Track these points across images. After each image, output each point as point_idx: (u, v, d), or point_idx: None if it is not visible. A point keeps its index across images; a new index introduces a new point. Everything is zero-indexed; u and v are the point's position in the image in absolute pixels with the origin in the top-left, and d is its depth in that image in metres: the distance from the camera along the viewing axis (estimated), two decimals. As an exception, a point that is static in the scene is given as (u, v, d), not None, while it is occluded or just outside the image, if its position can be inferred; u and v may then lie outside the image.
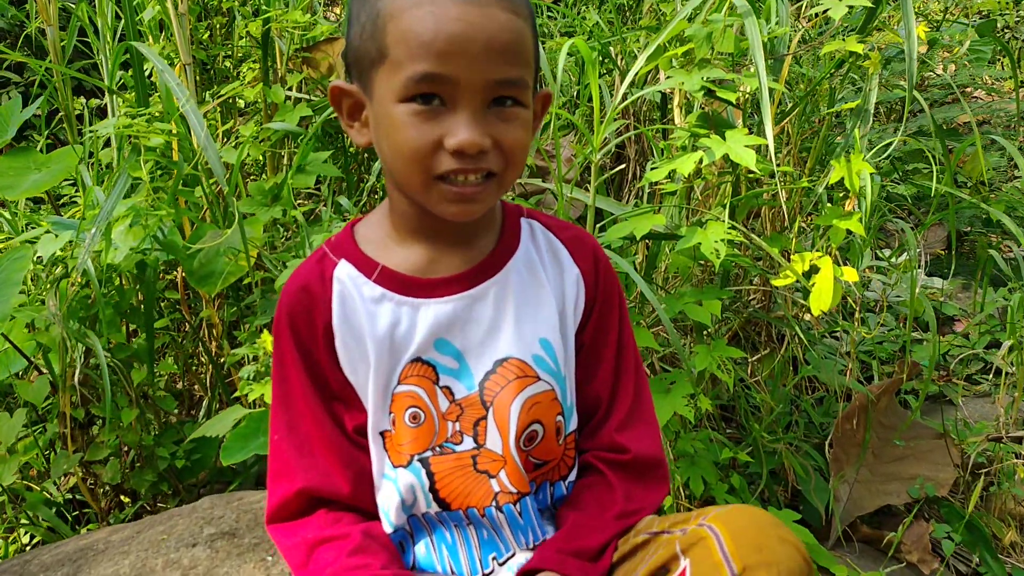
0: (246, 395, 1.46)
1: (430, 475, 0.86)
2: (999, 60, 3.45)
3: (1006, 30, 3.63)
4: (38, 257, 1.65)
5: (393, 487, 0.87)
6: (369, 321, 0.85)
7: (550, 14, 3.06)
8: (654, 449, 0.92)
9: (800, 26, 2.12)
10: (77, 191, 2.69)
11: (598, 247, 0.94)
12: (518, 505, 0.88)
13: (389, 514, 0.88)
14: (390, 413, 0.86)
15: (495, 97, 0.76)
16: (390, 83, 0.75)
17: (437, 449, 0.87)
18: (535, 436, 0.87)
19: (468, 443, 0.87)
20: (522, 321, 0.86)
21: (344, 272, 0.86)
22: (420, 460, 0.86)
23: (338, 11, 2.97)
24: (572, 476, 0.93)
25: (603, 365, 0.92)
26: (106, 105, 2.85)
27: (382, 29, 0.76)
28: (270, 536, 0.90)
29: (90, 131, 1.90)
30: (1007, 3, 3.11)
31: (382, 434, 0.87)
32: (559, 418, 0.89)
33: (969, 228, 2.96)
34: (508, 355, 0.86)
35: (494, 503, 0.87)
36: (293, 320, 0.86)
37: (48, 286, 1.65)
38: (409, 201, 0.84)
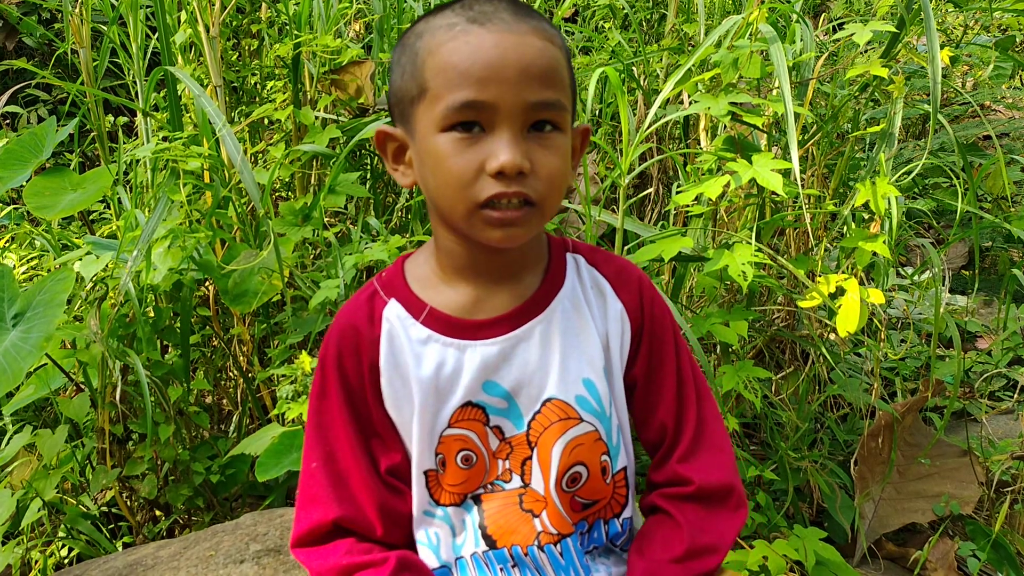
0: (282, 413, 1.50)
1: (481, 512, 0.88)
2: (1019, 75, 3.45)
3: (1025, 45, 3.63)
4: (79, 277, 1.69)
5: (440, 522, 0.89)
6: (415, 363, 0.85)
7: (567, 29, 3.10)
8: (722, 476, 0.89)
9: (821, 43, 2.14)
10: (107, 208, 2.75)
11: (644, 278, 0.93)
12: (559, 546, 0.88)
13: (437, 550, 0.89)
14: (437, 454, 0.87)
15: (534, 122, 0.76)
16: (431, 115, 0.77)
17: (488, 487, 0.88)
18: (578, 478, 0.88)
19: (516, 481, 0.88)
20: (566, 361, 0.86)
21: (393, 312, 0.87)
22: (472, 497, 0.88)
23: (357, 27, 3.02)
24: (626, 513, 0.92)
25: (664, 397, 0.91)
26: (133, 122, 2.91)
27: (421, 66, 0.78)
28: (297, 559, 0.90)
29: (127, 153, 1.94)
30: (1026, 19, 3.11)
31: (426, 473, 0.88)
32: (604, 458, 0.88)
33: (990, 243, 2.96)
34: (552, 396, 0.86)
35: (536, 542, 0.88)
36: (340, 356, 0.87)
37: (88, 306, 1.70)
38: (455, 238, 0.84)
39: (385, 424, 0.88)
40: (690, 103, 1.82)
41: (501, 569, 0.88)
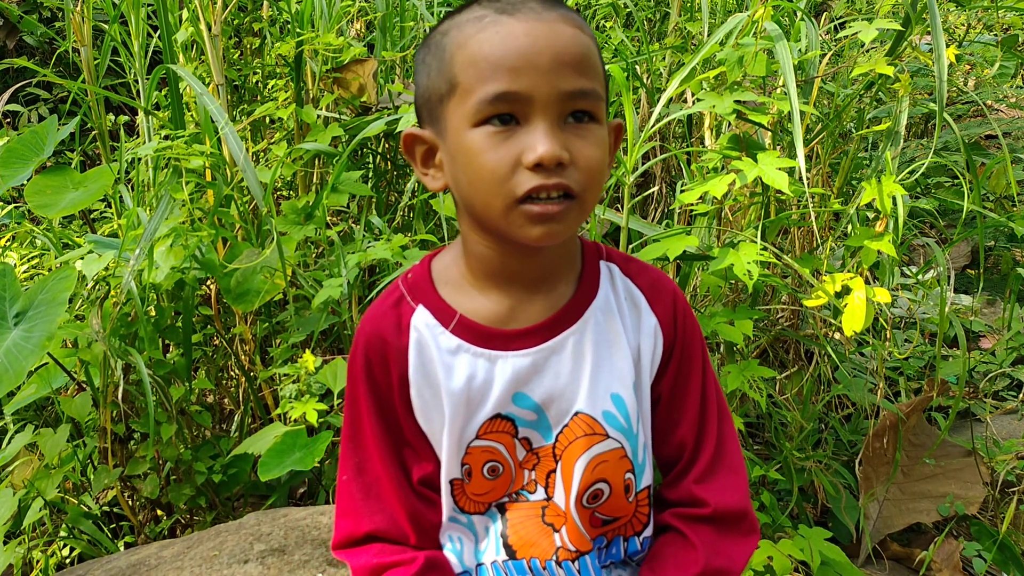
0: (285, 412, 1.49)
1: (504, 521, 0.87)
2: (1022, 74, 3.44)
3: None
4: (80, 276, 1.69)
5: (464, 529, 0.88)
6: (445, 374, 0.83)
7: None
8: (737, 500, 0.88)
9: (824, 42, 2.13)
10: (108, 206, 2.74)
11: (678, 292, 0.90)
12: (577, 563, 0.87)
13: (460, 555, 0.88)
14: (464, 464, 0.85)
15: (570, 112, 0.74)
16: (463, 110, 0.74)
17: (514, 496, 0.87)
18: (600, 494, 0.86)
19: (540, 493, 0.86)
20: (596, 375, 0.84)
21: (421, 320, 0.84)
22: (497, 506, 0.87)
23: (359, 26, 3.02)
24: (647, 532, 0.91)
25: (687, 414, 0.89)
26: (134, 120, 2.91)
27: (450, 62, 0.75)
28: (337, 558, 0.92)
29: (128, 152, 1.93)
30: (1029, 18, 3.10)
31: (451, 482, 0.86)
32: (628, 475, 0.87)
33: (993, 243, 2.96)
34: (580, 410, 0.84)
35: (555, 558, 0.86)
36: (369, 366, 0.85)
37: (90, 305, 1.69)
38: (487, 243, 0.81)
39: (416, 433, 0.86)
40: (694, 101, 1.81)
41: None
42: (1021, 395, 2.22)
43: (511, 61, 0.72)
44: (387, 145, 2.23)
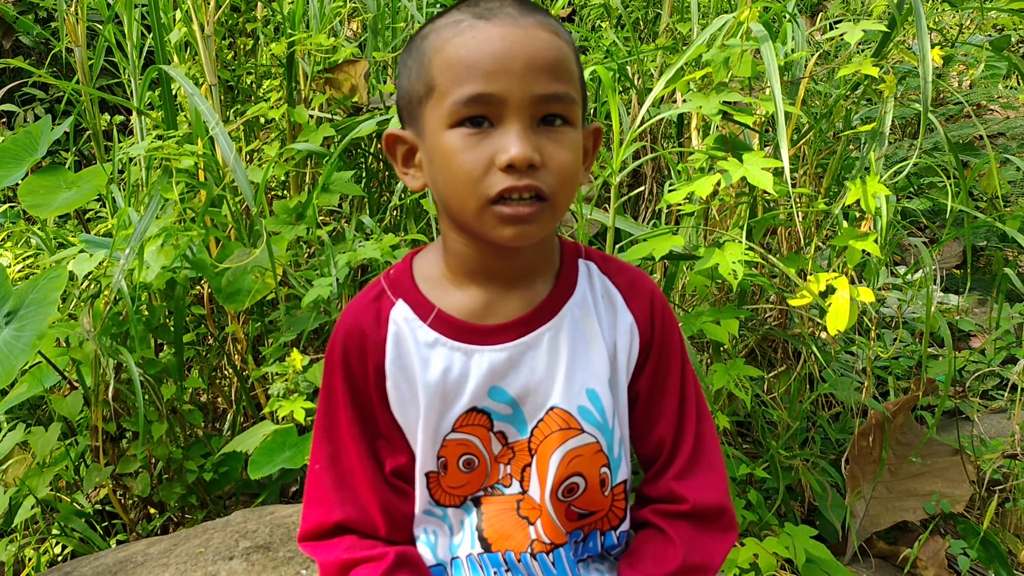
0: (274, 411, 1.50)
1: (479, 514, 0.88)
2: (1014, 75, 3.45)
3: (1021, 44, 3.64)
4: (72, 275, 1.70)
5: (439, 522, 0.89)
6: (421, 367, 0.84)
7: (565, 29, 3.10)
8: (716, 497, 0.89)
9: (817, 43, 2.15)
10: (103, 206, 2.75)
11: (656, 291, 0.92)
12: (551, 556, 0.88)
13: (435, 548, 0.90)
14: (440, 457, 0.87)
15: (543, 115, 0.76)
16: (439, 112, 0.76)
17: (489, 489, 0.88)
18: (575, 488, 0.87)
19: (515, 487, 0.88)
20: (572, 370, 0.85)
21: (400, 314, 0.86)
22: (472, 499, 0.88)
23: (354, 27, 3.03)
24: (623, 527, 0.92)
25: (665, 412, 0.91)
26: (128, 121, 2.91)
27: (428, 65, 0.77)
28: (303, 551, 0.91)
29: (122, 151, 1.94)
30: (1022, 19, 3.12)
31: (427, 475, 0.87)
32: (604, 470, 0.88)
33: (985, 243, 2.97)
34: (555, 405, 0.85)
35: (529, 550, 0.88)
36: (346, 357, 0.86)
37: (81, 304, 1.70)
38: (465, 240, 0.83)
39: (391, 426, 0.87)
40: (683, 102, 1.82)
41: (495, 572, 0.88)
42: (1008, 393, 2.23)
43: (486, 64, 0.74)
44: (378, 145, 2.24)
